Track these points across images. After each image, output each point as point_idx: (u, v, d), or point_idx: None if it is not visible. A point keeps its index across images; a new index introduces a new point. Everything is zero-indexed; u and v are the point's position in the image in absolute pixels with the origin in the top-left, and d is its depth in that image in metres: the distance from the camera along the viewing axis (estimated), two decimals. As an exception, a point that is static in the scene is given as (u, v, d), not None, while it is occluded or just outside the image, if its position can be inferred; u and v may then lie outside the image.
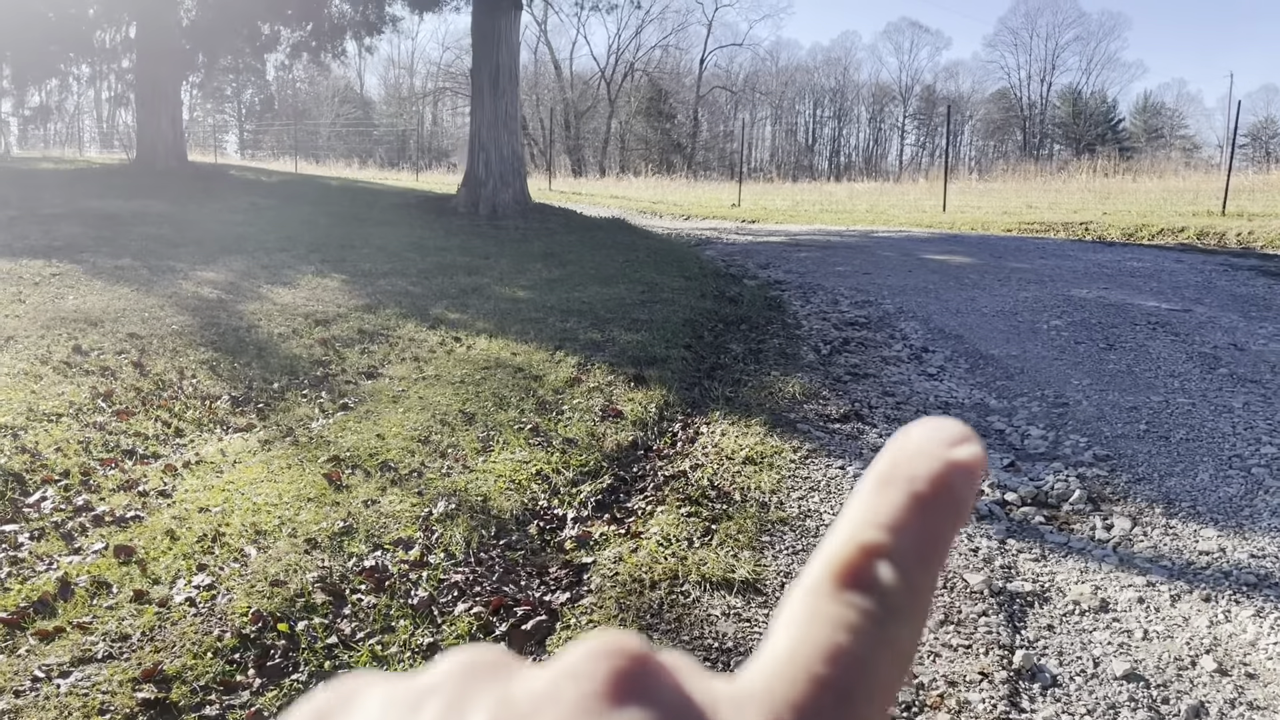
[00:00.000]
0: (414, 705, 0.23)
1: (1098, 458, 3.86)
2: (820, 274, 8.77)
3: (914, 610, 0.25)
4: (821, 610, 0.24)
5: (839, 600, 0.25)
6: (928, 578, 0.26)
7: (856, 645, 0.24)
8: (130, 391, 4.28)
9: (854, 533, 0.26)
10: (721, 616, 2.58)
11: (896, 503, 0.26)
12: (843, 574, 0.25)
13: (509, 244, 10.36)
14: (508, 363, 5.02)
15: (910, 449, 0.28)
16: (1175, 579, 2.89)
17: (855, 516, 0.26)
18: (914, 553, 0.25)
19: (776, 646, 0.24)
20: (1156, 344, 5.69)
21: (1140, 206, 15.95)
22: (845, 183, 32.16)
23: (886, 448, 0.28)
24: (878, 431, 4.17)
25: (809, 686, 0.23)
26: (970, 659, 2.42)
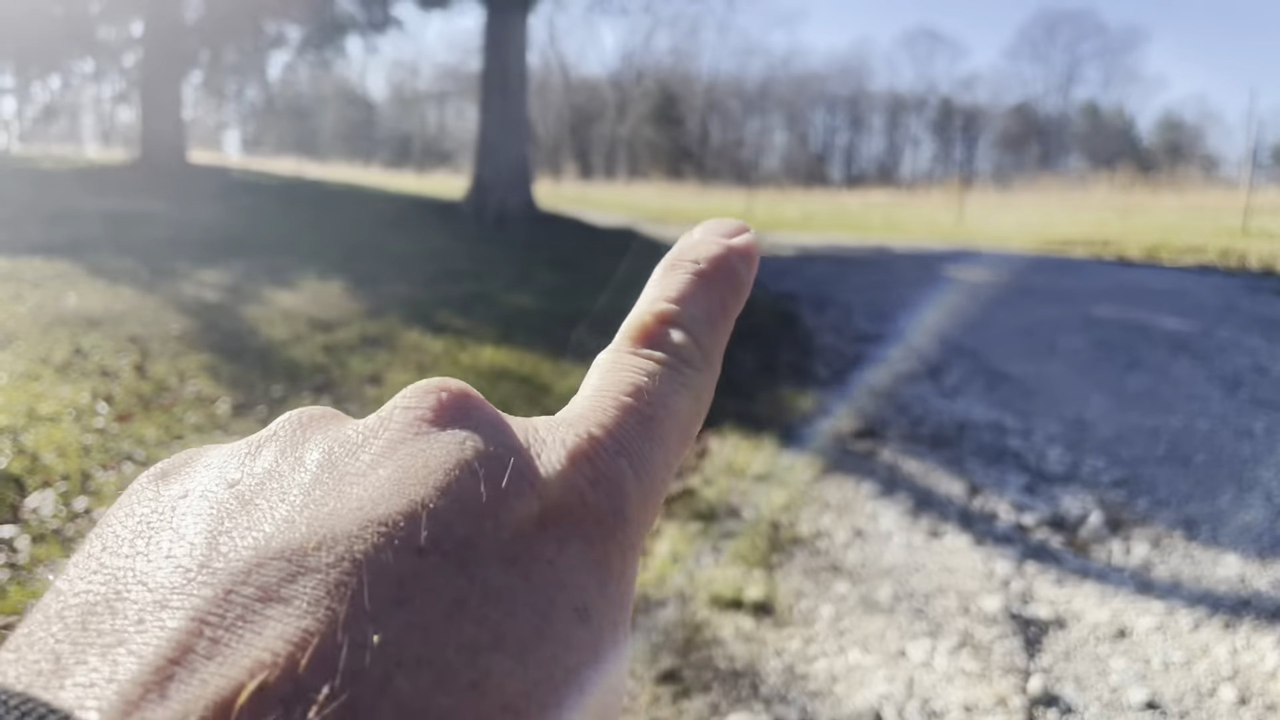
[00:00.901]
0: (253, 451, 0.24)
1: (1117, 481, 3.78)
2: (834, 287, 8.71)
3: (705, 364, 0.30)
4: (623, 361, 0.29)
5: (637, 353, 0.29)
6: (714, 337, 0.30)
7: (653, 384, 0.27)
8: (130, 394, 4.23)
9: (648, 305, 0.30)
10: (732, 637, 2.51)
11: (683, 280, 0.31)
12: (639, 335, 0.29)
13: (516, 250, 10.32)
14: (514, 372, 4.97)
15: (694, 240, 0.33)
16: (1195, 606, 2.81)
17: (649, 294, 0.31)
18: (701, 318, 0.30)
19: (585, 388, 0.28)
20: (1177, 365, 5.61)
21: (1160, 224, 15.87)
22: (859, 193, 32.13)
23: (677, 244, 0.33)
24: (892, 450, 4.10)
25: (617, 412, 0.26)
26: (986, 685, 2.35)
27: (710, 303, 0.30)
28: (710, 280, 0.31)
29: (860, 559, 3.03)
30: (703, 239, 0.33)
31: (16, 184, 12.98)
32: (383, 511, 0.21)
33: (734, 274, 0.32)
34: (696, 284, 0.31)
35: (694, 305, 0.30)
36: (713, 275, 0.31)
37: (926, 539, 3.20)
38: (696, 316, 0.30)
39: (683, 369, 0.28)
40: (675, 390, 0.28)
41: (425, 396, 0.25)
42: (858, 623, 2.63)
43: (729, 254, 0.32)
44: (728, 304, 0.31)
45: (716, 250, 0.32)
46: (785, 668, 2.40)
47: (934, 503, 3.54)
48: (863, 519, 3.34)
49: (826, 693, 2.30)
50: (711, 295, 0.31)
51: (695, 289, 0.30)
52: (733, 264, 0.32)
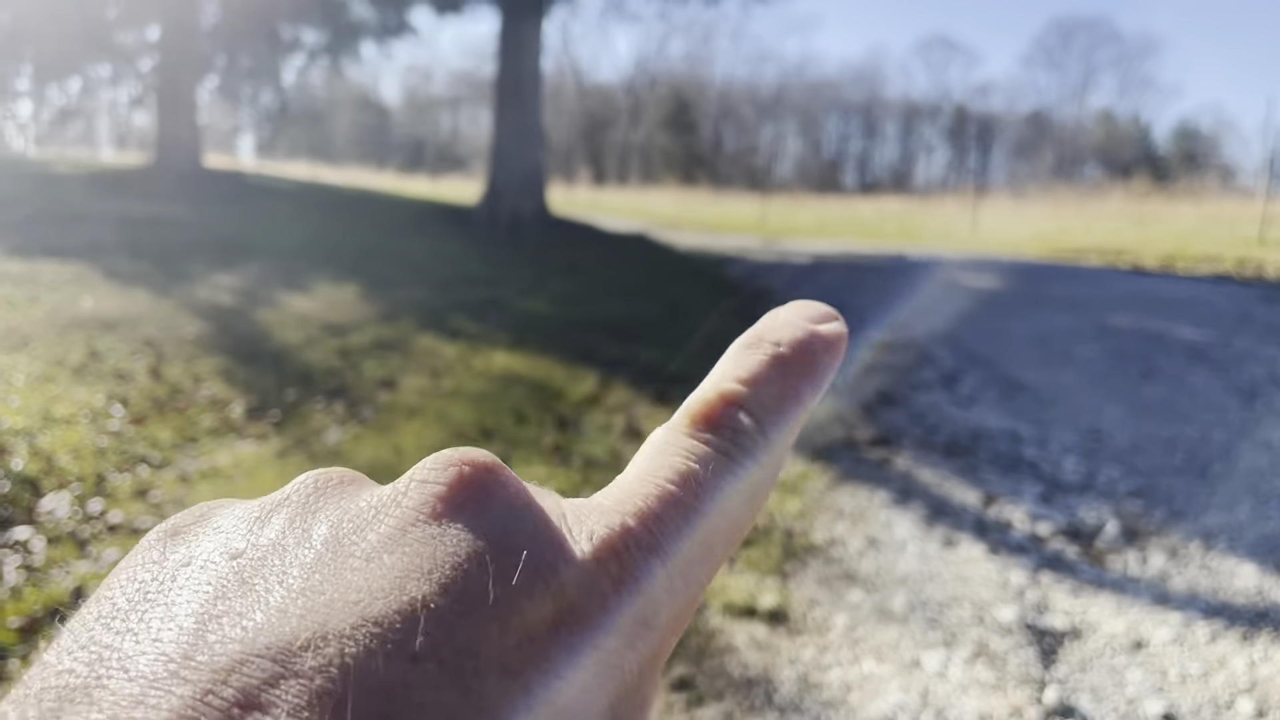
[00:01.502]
0: (263, 518, 0.23)
1: (1133, 491, 3.75)
2: (848, 294, 8.69)
3: (767, 454, 0.27)
4: (676, 442, 0.26)
5: (695, 436, 0.26)
6: (782, 427, 0.28)
7: (705, 472, 0.25)
8: (145, 397, 4.25)
9: (716, 383, 0.28)
10: (745, 645, 2.50)
11: (759, 361, 0.29)
12: (700, 416, 0.27)
13: (528, 256, 10.34)
14: (526, 378, 4.97)
15: (777, 320, 0.31)
16: (1212, 618, 2.79)
17: (720, 371, 0.29)
18: (771, 404, 0.28)
19: (630, 470, 0.26)
20: (1194, 375, 5.57)
21: (1176, 233, 15.80)
22: (873, 200, 32.09)
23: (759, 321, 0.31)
24: (907, 458, 4.08)
25: (658, 501, 0.24)
26: (1001, 695, 2.34)
27: (785, 390, 0.28)
28: (788, 366, 0.28)
29: (874, 568, 3.02)
30: (787, 320, 0.30)
31: (33, 187, 13.07)
32: (379, 609, 0.20)
33: (815, 362, 0.29)
34: (772, 367, 0.28)
35: (766, 390, 0.28)
36: (791, 361, 0.29)
37: (941, 548, 3.18)
38: (766, 403, 0.27)
39: (742, 459, 0.26)
40: (730, 482, 0.25)
41: (445, 471, 0.24)
42: (872, 632, 2.62)
43: (813, 339, 0.29)
44: (803, 394, 0.29)
45: (800, 335, 0.29)
46: (799, 676, 2.38)
47: (949, 511, 3.52)
48: (877, 527, 3.33)
49: (841, 702, 2.29)
50: (787, 381, 0.28)
51: (770, 372, 0.28)
52: (816, 351, 0.29)
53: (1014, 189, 37.15)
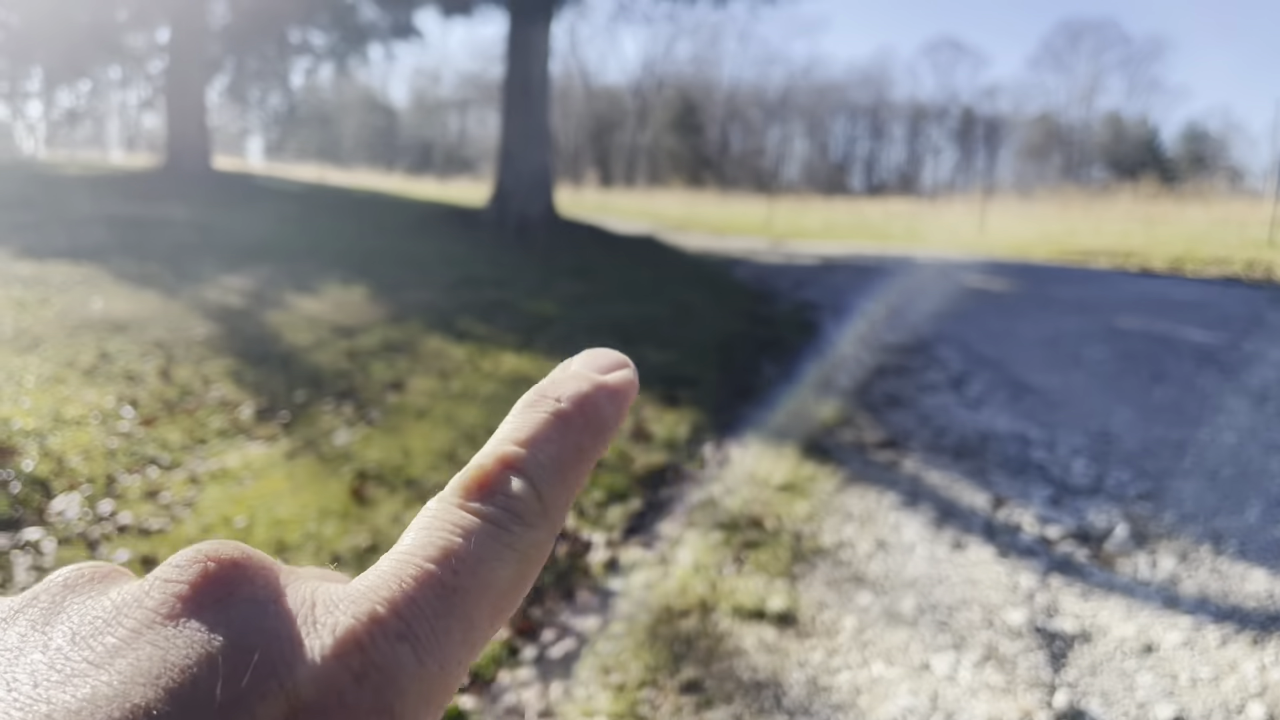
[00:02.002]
0: (8, 619, 0.23)
1: (1143, 493, 3.74)
2: (855, 296, 8.68)
3: (543, 520, 0.27)
4: (444, 515, 0.26)
5: (463, 507, 0.26)
6: (562, 488, 0.27)
7: (470, 547, 0.25)
8: (155, 399, 4.26)
9: (494, 448, 0.28)
10: (754, 648, 2.50)
11: (538, 420, 0.28)
12: (471, 484, 0.26)
13: (536, 258, 10.34)
14: (535, 379, 4.90)
15: (562, 375, 0.31)
16: (1223, 621, 2.78)
17: (498, 434, 0.28)
18: (549, 467, 0.27)
19: (395, 548, 0.25)
20: (1203, 378, 5.56)
21: (1185, 235, 15.76)
22: (880, 202, 32.04)
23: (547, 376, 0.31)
24: (915, 460, 4.07)
25: (414, 583, 0.23)
26: (1011, 698, 2.33)
27: (564, 448, 0.27)
28: (569, 422, 0.28)
29: (883, 570, 3.01)
30: (572, 374, 0.30)
31: (43, 189, 13.11)
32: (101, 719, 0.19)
33: (597, 416, 0.29)
34: (553, 426, 0.28)
35: (544, 450, 0.27)
36: (573, 417, 0.28)
37: (950, 551, 3.18)
38: (544, 464, 0.27)
39: (512, 526, 0.26)
40: (496, 554, 0.25)
41: (188, 568, 0.23)
42: (881, 635, 2.61)
43: (596, 393, 0.29)
44: (585, 449, 0.28)
45: (583, 388, 0.29)
46: (808, 679, 2.38)
47: (957, 514, 3.51)
48: (886, 530, 3.32)
49: (850, 705, 2.29)
50: (567, 439, 0.28)
51: (550, 431, 0.28)
52: (599, 404, 0.29)
53: (1021, 191, 37.09)
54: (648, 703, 2.25)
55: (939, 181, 60.96)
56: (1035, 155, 60.56)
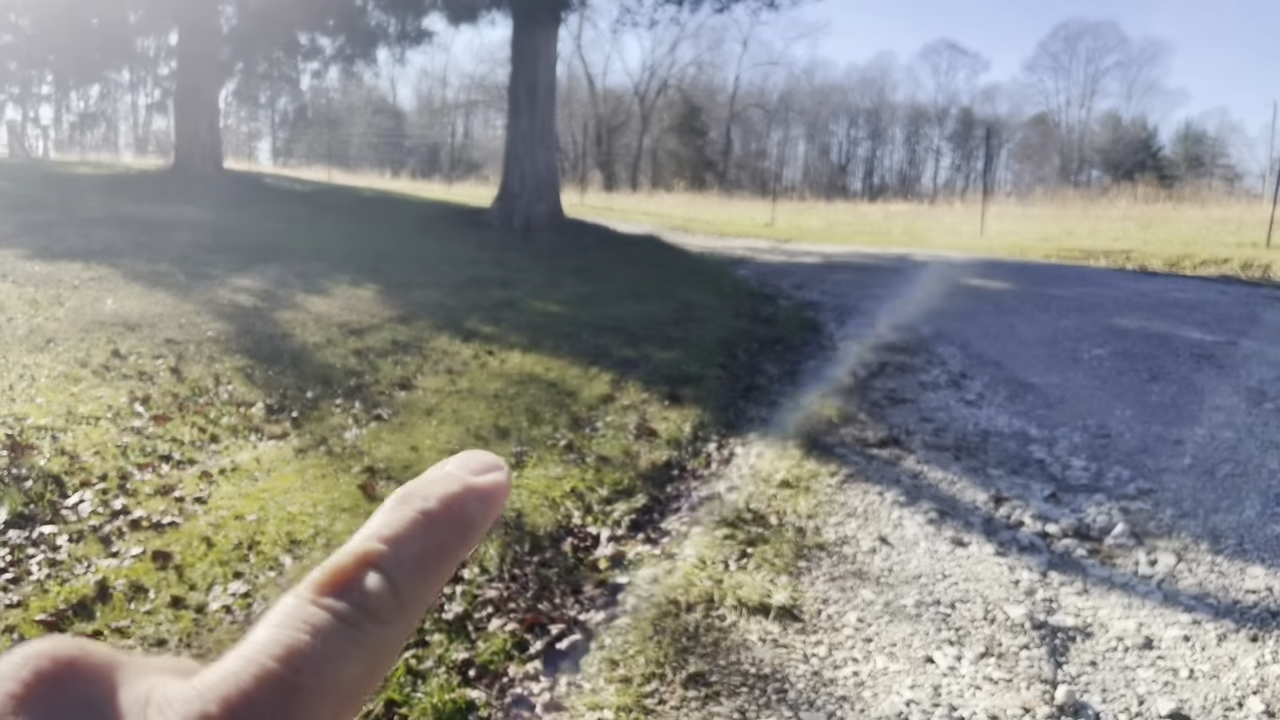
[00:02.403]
0: None
1: (1141, 491, 3.79)
2: (856, 296, 8.72)
3: (399, 615, 0.26)
4: (295, 612, 0.25)
5: (316, 603, 0.25)
6: (421, 588, 0.27)
7: (317, 645, 0.24)
8: (167, 396, 4.31)
9: (354, 545, 0.27)
10: (759, 642, 2.54)
11: (404, 518, 0.28)
12: (327, 581, 0.26)
13: (542, 258, 10.38)
14: (541, 378, 5.02)
15: (434, 474, 0.30)
16: (1221, 617, 2.82)
17: (364, 530, 0.28)
18: (410, 564, 0.27)
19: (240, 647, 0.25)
20: (1201, 376, 5.60)
21: (1182, 235, 15.77)
22: (880, 204, 32.05)
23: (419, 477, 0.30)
24: (916, 458, 4.12)
25: (252, 682, 0.23)
26: (1011, 693, 2.37)
27: (427, 546, 0.27)
28: (433, 522, 0.28)
29: (885, 566, 3.06)
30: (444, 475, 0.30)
31: (55, 190, 13.16)
32: None
33: (463, 516, 0.29)
34: (417, 524, 0.28)
35: (406, 548, 0.27)
36: (438, 517, 0.28)
37: (951, 547, 3.22)
38: (405, 561, 0.27)
39: (363, 624, 0.25)
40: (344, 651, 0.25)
41: (22, 668, 0.23)
42: (883, 629, 2.66)
43: (465, 494, 0.29)
44: (448, 549, 0.28)
45: (452, 488, 0.29)
46: (812, 673, 2.42)
47: (958, 511, 3.56)
48: (887, 526, 3.36)
49: (853, 698, 2.32)
50: (430, 538, 0.28)
51: (414, 529, 0.28)
52: (466, 505, 0.29)
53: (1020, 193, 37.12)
54: (653, 696, 2.28)
55: (938, 183, 60.96)
56: (1033, 157, 60.54)
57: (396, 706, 2.21)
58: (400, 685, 2.27)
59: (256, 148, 50.18)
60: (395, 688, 2.25)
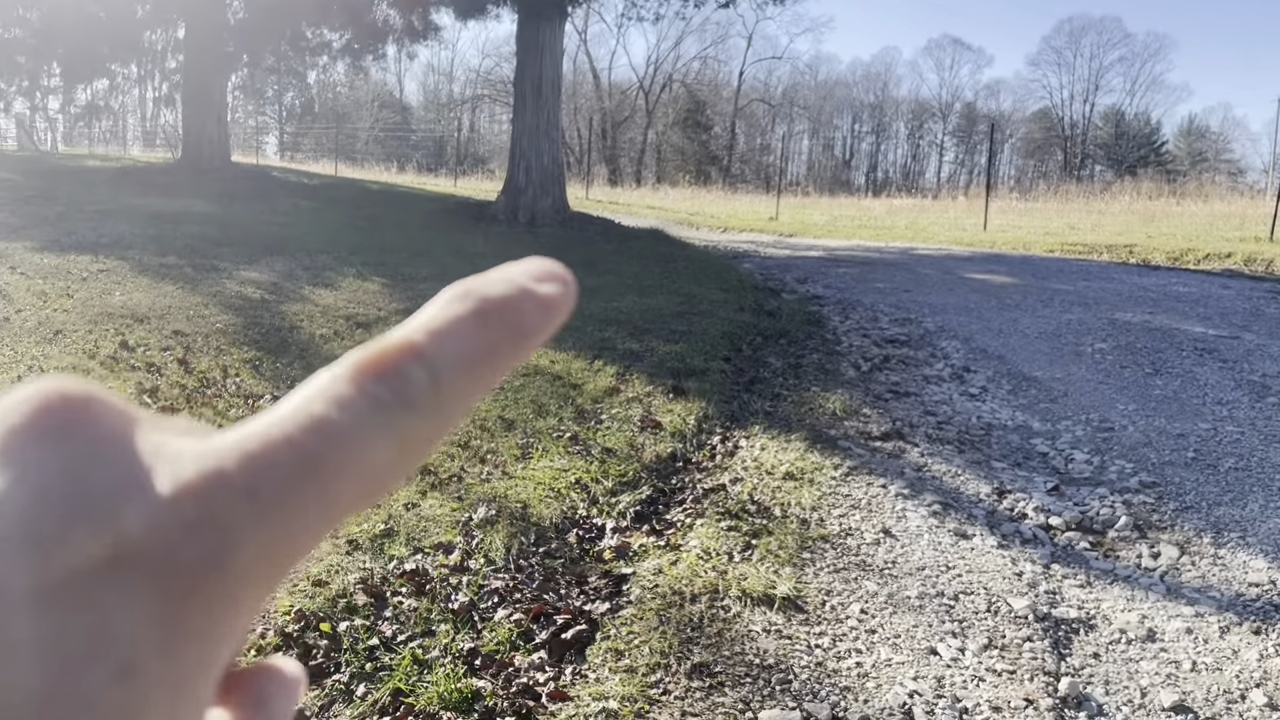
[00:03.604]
0: None
1: (1144, 484, 3.80)
2: (860, 290, 8.72)
3: (436, 410, 0.25)
4: (327, 387, 0.24)
5: (351, 383, 0.24)
6: (463, 385, 0.26)
7: (346, 421, 0.23)
8: (175, 388, 4.33)
9: (401, 331, 0.26)
10: (762, 633, 2.56)
11: (456, 313, 0.26)
12: (367, 363, 0.24)
13: (547, 251, 10.31)
14: (546, 370, 5.03)
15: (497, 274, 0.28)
16: (1224, 610, 2.83)
17: (413, 320, 0.26)
18: (456, 360, 0.25)
19: (266, 414, 0.23)
20: (1204, 370, 5.61)
21: (1185, 230, 15.75)
22: (884, 199, 32.03)
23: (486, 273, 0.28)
24: (919, 451, 4.13)
25: (270, 446, 0.22)
26: (1015, 685, 2.39)
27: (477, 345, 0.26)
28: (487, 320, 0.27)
29: (888, 558, 3.07)
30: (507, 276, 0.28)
31: (63, 183, 13.19)
32: None
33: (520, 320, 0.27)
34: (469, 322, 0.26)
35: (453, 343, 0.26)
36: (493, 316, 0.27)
37: (954, 539, 3.24)
38: (450, 356, 0.26)
39: (398, 411, 0.24)
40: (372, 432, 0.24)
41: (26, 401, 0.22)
42: (887, 620, 2.67)
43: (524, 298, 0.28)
44: (499, 351, 0.27)
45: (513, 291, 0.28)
46: (816, 664, 2.44)
47: (961, 503, 3.57)
48: (890, 518, 3.38)
49: (857, 689, 2.34)
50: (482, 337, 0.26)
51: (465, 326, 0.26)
52: (523, 309, 0.27)
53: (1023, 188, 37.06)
54: (658, 686, 2.30)
55: (941, 178, 60.91)
56: (1036, 152, 60.50)
57: (403, 695, 2.23)
58: (407, 674, 2.29)
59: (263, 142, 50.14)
60: (401, 677, 2.28)
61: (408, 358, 0.25)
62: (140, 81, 20.35)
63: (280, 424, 0.23)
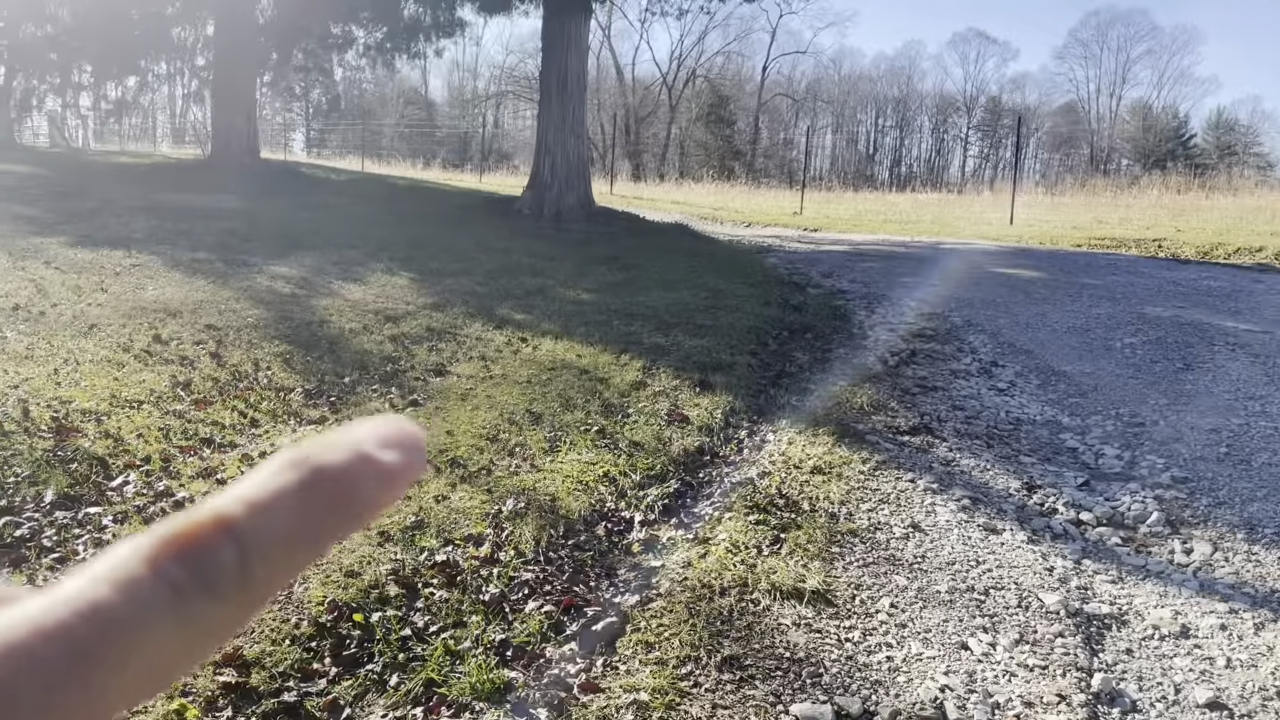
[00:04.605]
0: None
1: (1176, 479, 3.77)
2: (885, 284, 8.68)
3: (242, 594, 0.23)
4: (120, 567, 0.22)
5: (147, 564, 0.23)
6: (278, 567, 0.24)
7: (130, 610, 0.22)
8: (208, 381, 4.38)
9: (222, 502, 0.24)
10: (792, 626, 2.56)
11: (281, 485, 0.25)
12: (171, 540, 0.23)
13: (573, 247, 10.41)
14: (573, 364, 5.05)
15: (339, 439, 0.27)
16: (1259, 607, 2.81)
17: (234, 490, 0.25)
18: (273, 538, 0.24)
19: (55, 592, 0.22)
20: (1236, 365, 5.55)
21: (1215, 224, 15.57)
22: (908, 193, 31.83)
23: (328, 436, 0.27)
24: (948, 445, 4.11)
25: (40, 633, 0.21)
26: (1047, 680, 2.38)
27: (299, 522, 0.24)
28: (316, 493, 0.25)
29: (918, 552, 3.06)
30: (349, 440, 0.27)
31: (96, 179, 13.36)
32: None
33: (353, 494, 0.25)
34: (296, 494, 0.24)
35: (274, 519, 0.24)
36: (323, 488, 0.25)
37: (984, 534, 3.22)
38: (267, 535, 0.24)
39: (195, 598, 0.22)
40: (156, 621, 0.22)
41: None
42: (917, 615, 2.67)
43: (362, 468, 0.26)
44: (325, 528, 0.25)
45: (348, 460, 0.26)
46: (846, 657, 2.43)
47: (990, 498, 3.56)
48: (920, 513, 3.37)
49: (888, 683, 2.34)
50: (307, 513, 0.24)
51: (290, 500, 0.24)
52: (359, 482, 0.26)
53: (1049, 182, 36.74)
54: (688, 678, 2.31)
55: (966, 173, 60.49)
56: (1063, 146, 59.93)
57: (436, 686, 2.25)
58: (439, 665, 2.31)
59: (291, 138, 50.58)
60: (434, 667, 2.30)
61: (217, 535, 0.23)
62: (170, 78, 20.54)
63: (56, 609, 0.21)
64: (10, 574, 2.63)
